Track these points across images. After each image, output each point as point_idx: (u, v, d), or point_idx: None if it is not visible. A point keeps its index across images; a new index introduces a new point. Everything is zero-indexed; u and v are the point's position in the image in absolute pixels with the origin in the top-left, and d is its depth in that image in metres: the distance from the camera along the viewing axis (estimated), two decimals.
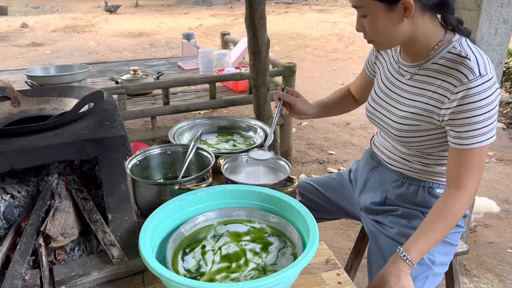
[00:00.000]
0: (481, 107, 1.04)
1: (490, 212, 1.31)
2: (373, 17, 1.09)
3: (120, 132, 1.06)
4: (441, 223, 1.09)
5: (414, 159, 1.26)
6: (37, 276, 0.94)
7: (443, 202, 1.11)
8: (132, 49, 8.01)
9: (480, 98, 1.04)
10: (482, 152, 1.08)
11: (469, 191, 1.09)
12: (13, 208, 1.08)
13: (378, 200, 1.36)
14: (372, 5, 1.07)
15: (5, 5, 12.88)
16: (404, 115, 1.20)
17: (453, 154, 1.11)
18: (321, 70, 6.49)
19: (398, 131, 1.22)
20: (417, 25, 1.10)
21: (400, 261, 1.08)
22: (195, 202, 1.05)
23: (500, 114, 4.41)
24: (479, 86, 1.03)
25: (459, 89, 1.06)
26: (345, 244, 2.53)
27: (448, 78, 1.09)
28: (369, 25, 1.11)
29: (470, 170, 1.09)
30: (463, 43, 1.11)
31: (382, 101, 1.29)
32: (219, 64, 3.80)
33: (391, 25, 1.09)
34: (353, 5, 1.12)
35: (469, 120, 1.05)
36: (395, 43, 1.16)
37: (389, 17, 1.07)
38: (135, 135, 3.12)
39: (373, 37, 1.15)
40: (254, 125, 1.63)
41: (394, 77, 1.27)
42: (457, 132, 1.08)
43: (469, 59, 1.07)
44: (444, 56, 1.12)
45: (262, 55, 2.30)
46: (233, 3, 14.99)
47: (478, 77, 1.04)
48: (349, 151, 3.77)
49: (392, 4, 1.05)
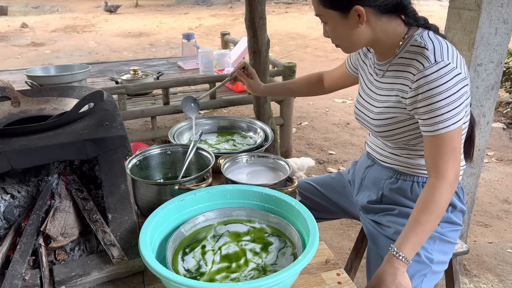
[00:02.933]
0: (440, 93, 1.06)
1: (310, 166, 1.35)
2: (331, 24, 1.17)
3: (120, 132, 1.06)
4: (426, 214, 1.10)
5: (402, 153, 1.29)
6: (37, 276, 0.94)
7: (424, 193, 1.12)
8: (132, 49, 8.01)
9: (437, 84, 1.06)
10: (452, 137, 1.09)
11: (447, 178, 1.10)
12: (13, 208, 1.08)
13: (374, 198, 1.36)
14: (328, 13, 1.15)
15: (5, 5, 12.88)
16: (379, 110, 1.24)
17: (426, 142, 1.14)
18: (321, 70, 6.46)
19: (377, 126, 1.26)
20: (376, 28, 1.15)
21: (394, 259, 1.08)
22: (195, 202, 1.05)
23: (500, 114, 4.41)
24: (435, 73, 1.06)
25: (417, 77, 1.10)
26: (345, 244, 2.53)
27: (408, 68, 1.14)
28: (330, 31, 1.19)
29: (444, 156, 1.10)
30: (424, 35, 1.15)
31: (364, 101, 1.34)
32: (219, 64, 3.80)
33: (349, 30, 1.15)
34: (315, 14, 1.20)
35: (430, 107, 1.08)
36: (358, 46, 1.22)
37: (346, 24, 1.14)
38: (135, 135, 3.12)
39: (337, 41, 1.22)
40: (254, 125, 1.63)
41: (372, 77, 1.32)
42: (423, 120, 1.11)
43: (427, 48, 1.10)
44: (408, 50, 1.16)
45: (262, 55, 2.30)
46: (233, 3, 14.99)
47: (433, 64, 1.07)
48: (349, 151, 3.77)
49: (345, 12, 1.12)
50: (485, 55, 1.77)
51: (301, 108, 4.74)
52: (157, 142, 3.57)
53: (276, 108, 3.43)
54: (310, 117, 4.53)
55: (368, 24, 1.13)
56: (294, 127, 4.08)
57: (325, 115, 4.61)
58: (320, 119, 4.50)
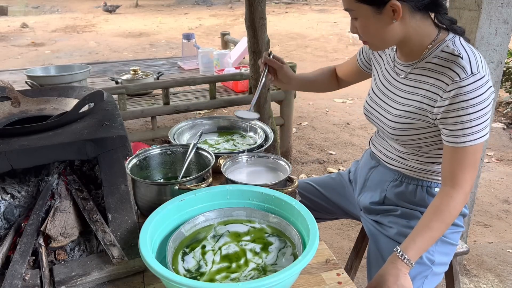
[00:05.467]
0: (473, 105, 1.04)
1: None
2: (363, 19, 1.12)
3: (120, 132, 1.06)
4: (438, 221, 1.10)
5: (411, 158, 1.27)
6: (37, 276, 0.94)
7: (439, 200, 1.12)
8: (132, 49, 8.01)
9: (472, 96, 1.04)
10: (476, 150, 1.08)
11: (464, 189, 1.10)
12: (13, 208, 1.08)
13: (377, 199, 1.36)
14: (361, 8, 1.09)
15: (5, 5, 12.89)
16: (398, 113, 1.21)
17: (447, 152, 1.12)
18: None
19: (393, 129, 1.23)
20: (408, 26, 1.11)
21: (398, 261, 1.08)
22: (195, 202, 1.05)
23: (500, 114, 4.40)
24: (471, 84, 1.04)
25: (451, 88, 1.07)
26: (345, 244, 2.53)
27: (440, 77, 1.10)
28: (361, 27, 1.14)
29: (464, 168, 1.09)
30: (456, 42, 1.12)
31: (378, 99, 1.31)
32: (219, 64, 3.80)
33: (382, 27, 1.10)
34: (344, 8, 1.14)
35: (462, 118, 1.06)
36: (388, 44, 1.18)
37: (379, 20, 1.09)
38: (135, 135, 3.12)
39: (366, 38, 1.17)
40: (254, 125, 1.62)
41: (390, 76, 1.28)
42: (450, 130, 1.09)
43: (462, 57, 1.07)
44: (438, 55, 1.13)
45: (262, 55, 2.30)
46: (233, 3, 15.00)
47: (470, 75, 1.05)
48: (349, 151, 3.77)
49: (380, 7, 1.07)
50: (485, 55, 1.77)
51: (301, 108, 4.74)
52: (157, 142, 3.57)
53: (276, 108, 3.43)
54: (310, 117, 4.53)
55: (402, 21, 1.09)
56: (294, 127, 4.08)
57: (325, 115, 4.61)
58: (320, 119, 4.50)
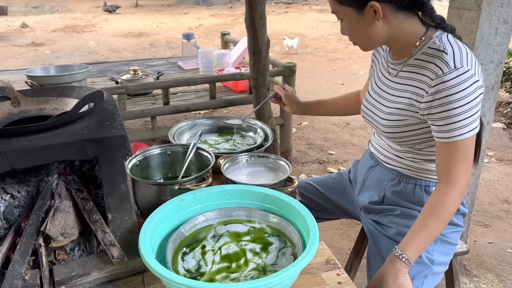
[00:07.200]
0: (458, 99, 1.05)
1: (293, 47, 1.38)
2: (348, 21, 1.15)
3: (120, 132, 1.06)
4: (434, 219, 1.10)
5: (407, 156, 1.28)
6: (37, 276, 0.94)
7: (434, 197, 1.12)
8: (132, 49, 8.01)
9: (456, 91, 1.05)
10: (466, 144, 1.09)
11: (459, 184, 1.10)
12: (13, 208, 1.08)
13: (376, 199, 1.36)
14: (344, 10, 1.13)
15: (5, 5, 12.88)
16: (390, 111, 1.22)
17: (439, 148, 1.12)
18: (321, 70, 6.49)
19: (385, 127, 1.24)
20: (393, 25, 1.13)
21: (397, 261, 1.08)
22: (195, 202, 1.05)
23: (500, 114, 4.40)
24: (454, 79, 1.05)
25: (435, 83, 1.07)
26: (345, 244, 2.53)
27: (426, 72, 1.11)
28: (347, 28, 1.18)
29: (457, 163, 1.10)
30: (443, 38, 1.13)
31: (373, 99, 1.32)
32: (219, 64, 3.79)
33: (365, 27, 1.13)
34: (331, 11, 1.18)
35: (447, 113, 1.06)
36: (375, 43, 1.20)
37: (362, 20, 1.12)
38: (135, 135, 3.12)
39: (354, 39, 1.20)
40: (254, 125, 1.62)
41: (383, 76, 1.29)
42: (438, 126, 1.10)
43: (446, 52, 1.08)
44: (425, 52, 1.14)
45: (262, 55, 2.30)
46: (233, 3, 14.99)
47: (452, 70, 1.05)
48: (349, 151, 3.77)
49: (361, 8, 1.10)
50: (485, 55, 1.77)
51: None
52: (157, 142, 3.57)
53: (276, 108, 3.43)
54: (310, 117, 4.52)
55: (385, 20, 1.11)
56: (294, 127, 4.08)
57: None
58: (320, 119, 4.50)
